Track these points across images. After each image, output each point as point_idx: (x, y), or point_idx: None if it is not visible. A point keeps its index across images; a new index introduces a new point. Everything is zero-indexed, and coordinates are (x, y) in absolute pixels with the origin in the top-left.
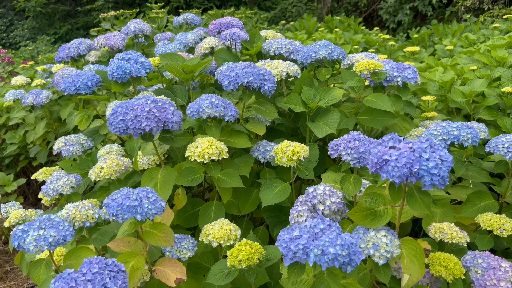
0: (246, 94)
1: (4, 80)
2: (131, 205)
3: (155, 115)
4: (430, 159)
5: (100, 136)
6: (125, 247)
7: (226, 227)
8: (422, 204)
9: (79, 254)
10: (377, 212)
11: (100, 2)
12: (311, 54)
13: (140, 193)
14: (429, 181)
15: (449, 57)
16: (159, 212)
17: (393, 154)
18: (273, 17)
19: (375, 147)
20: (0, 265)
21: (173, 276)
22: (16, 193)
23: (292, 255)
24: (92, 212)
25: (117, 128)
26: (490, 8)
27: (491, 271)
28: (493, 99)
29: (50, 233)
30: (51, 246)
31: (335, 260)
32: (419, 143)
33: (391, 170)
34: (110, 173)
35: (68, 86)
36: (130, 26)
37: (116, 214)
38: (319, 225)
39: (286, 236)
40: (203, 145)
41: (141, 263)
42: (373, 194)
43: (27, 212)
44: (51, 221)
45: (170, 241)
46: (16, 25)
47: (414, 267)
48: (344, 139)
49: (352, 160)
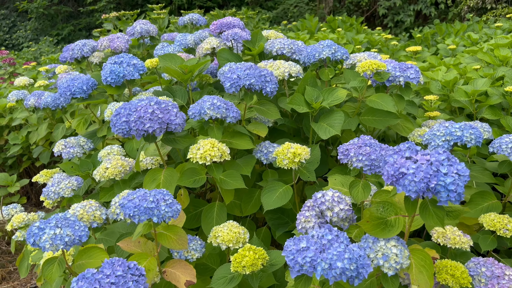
0: (248, 95)
1: (6, 81)
2: (148, 207)
3: (158, 116)
4: (448, 174)
5: (98, 138)
6: (135, 248)
7: (235, 230)
8: (436, 218)
9: (91, 254)
10: (389, 221)
11: (102, 3)
12: (314, 54)
13: (157, 195)
14: (445, 197)
15: (451, 56)
16: (175, 215)
17: (411, 167)
18: (275, 17)
19: (391, 156)
20: (3, 265)
21: (183, 279)
22: (19, 193)
23: (299, 268)
24: (99, 212)
25: (120, 129)
26: (493, 8)
27: (495, 280)
28: (496, 98)
29: (66, 233)
30: (67, 245)
31: (342, 274)
32: (437, 154)
33: (407, 185)
34: (115, 173)
35: (63, 91)
36: (136, 27)
37: (133, 215)
38: (327, 236)
39: (293, 247)
40: (205, 147)
41: (153, 265)
42: (384, 203)
43: (30, 216)
44: (67, 220)
45: (184, 244)
46: (19, 26)
47: (423, 278)
48: (355, 143)
49: (364, 167)
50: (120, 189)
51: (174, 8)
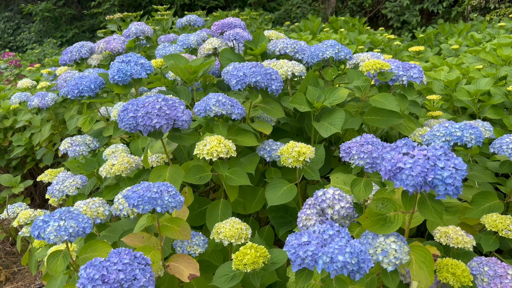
0: (253, 93)
1: (11, 82)
2: (152, 197)
3: (165, 112)
4: (445, 168)
5: (103, 138)
6: (139, 242)
7: (237, 226)
8: (434, 213)
9: (95, 248)
10: (388, 218)
11: (105, 6)
12: (318, 54)
13: (160, 187)
14: (443, 191)
15: (454, 56)
16: (179, 206)
17: (408, 162)
18: (278, 18)
19: (388, 152)
20: (8, 266)
21: (187, 272)
22: (23, 194)
23: (301, 262)
24: (102, 209)
25: (128, 124)
26: (496, 7)
27: (498, 279)
28: (499, 98)
29: (70, 224)
30: (71, 236)
31: (344, 268)
32: (434, 150)
33: (405, 179)
34: (121, 169)
35: (71, 89)
36: (131, 28)
37: (137, 205)
38: (328, 231)
39: (294, 242)
40: (211, 143)
41: (157, 257)
42: (383, 199)
43: (36, 212)
44: (70, 213)
45: (187, 234)
46: (23, 28)
47: (423, 274)
48: (357, 142)
49: (365, 165)
50: (126, 186)
51: (177, 9)
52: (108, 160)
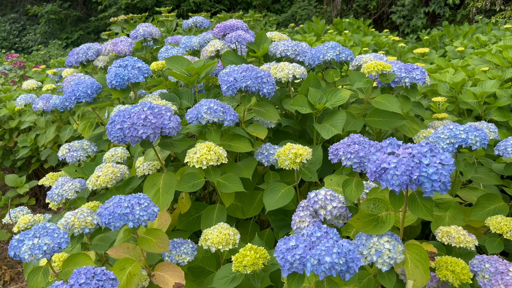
0: (246, 98)
1: (16, 84)
2: (122, 213)
3: (151, 121)
4: (430, 165)
5: (104, 141)
6: (124, 254)
7: (225, 231)
8: (425, 210)
9: (77, 261)
10: (380, 218)
11: (112, 10)
12: (318, 56)
13: (131, 200)
14: (429, 188)
15: (460, 58)
16: (152, 218)
17: (392, 162)
18: (283, 21)
19: (374, 153)
20: (12, 266)
21: (172, 281)
22: (28, 194)
23: (289, 266)
24: (90, 218)
25: (115, 137)
26: (502, 9)
27: (499, 275)
28: (505, 100)
29: (44, 241)
30: (46, 254)
31: (332, 269)
32: (419, 147)
33: (390, 179)
34: (106, 181)
35: (69, 96)
36: (139, 30)
37: (108, 223)
38: (316, 233)
39: (283, 247)
40: (201, 150)
41: (137, 269)
42: (374, 199)
43: (36, 217)
44: (46, 229)
45: (165, 246)
46: (29, 29)
47: (419, 272)
48: (344, 142)
49: (353, 165)
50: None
51: (183, 11)
52: (94, 172)
